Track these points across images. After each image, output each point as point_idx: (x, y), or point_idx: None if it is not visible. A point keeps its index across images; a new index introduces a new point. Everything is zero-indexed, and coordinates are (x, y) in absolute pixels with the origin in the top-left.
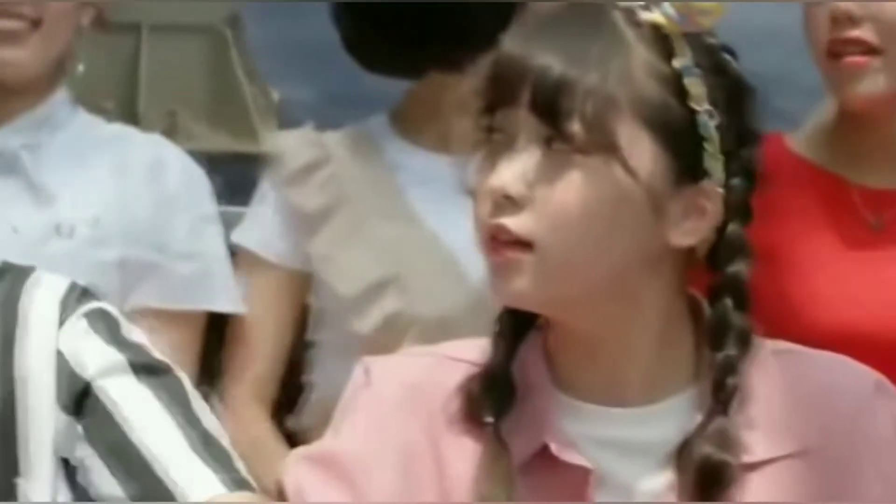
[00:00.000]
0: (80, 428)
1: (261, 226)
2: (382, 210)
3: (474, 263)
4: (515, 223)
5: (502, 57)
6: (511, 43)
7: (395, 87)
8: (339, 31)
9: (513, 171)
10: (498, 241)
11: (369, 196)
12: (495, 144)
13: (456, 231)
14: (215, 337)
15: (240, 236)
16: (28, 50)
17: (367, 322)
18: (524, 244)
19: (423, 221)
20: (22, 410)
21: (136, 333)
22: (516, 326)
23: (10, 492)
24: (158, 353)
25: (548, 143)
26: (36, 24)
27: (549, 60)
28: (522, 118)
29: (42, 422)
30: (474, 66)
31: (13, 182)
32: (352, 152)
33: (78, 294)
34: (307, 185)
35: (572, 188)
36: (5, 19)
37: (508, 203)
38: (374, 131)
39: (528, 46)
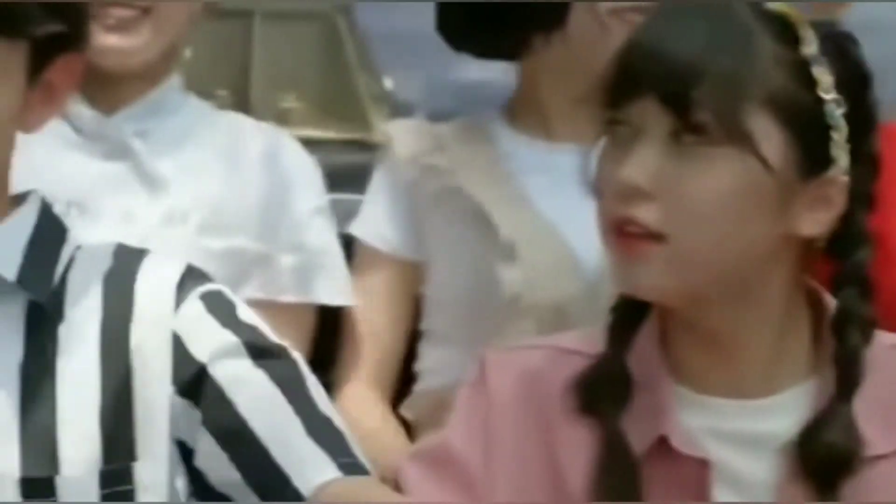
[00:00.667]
0: (196, 411)
1: (374, 217)
2: (496, 199)
3: (589, 252)
4: (646, 215)
5: (630, 49)
6: (639, 35)
7: (505, 77)
8: (436, 13)
9: (642, 163)
10: (626, 233)
11: (483, 185)
12: (620, 136)
13: (569, 220)
14: (329, 328)
15: (355, 228)
16: (140, 38)
17: (482, 311)
18: (655, 236)
19: (538, 210)
20: (138, 394)
21: (251, 316)
22: (632, 316)
23: (126, 475)
24: (274, 336)
25: (675, 134)
26: (147, 11)
27: (678, 52)
28: (650, 110)
29: (158, 405)
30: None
31: (125, 169)
32: (464, 142)
33: (194, 276)
34: (420, 175)
35: (704, 180)
36: (117, 8)
37: (638, 195)
38: (486, 122)
39: (656, 39)
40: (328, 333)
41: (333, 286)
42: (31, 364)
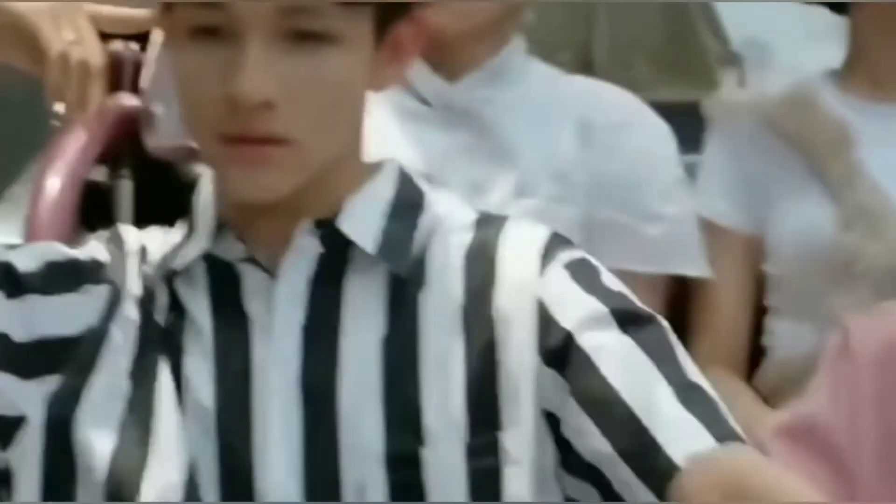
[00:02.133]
0: (562, 380)
1: (711, 190)
2: (839, 171)
3: None
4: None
5: None
6: None
7: None
8: None
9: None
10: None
11: (823, 156)
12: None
13: None
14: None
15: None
16: None
17: (826, 281)
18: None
19: (874, 178)
20: (502, 363)
21: (616, 282)
22: None
23: (493, 447)
24: (639, 303)
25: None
26: None
27: None
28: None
29: (523, 374)
30: None
31: (472, 138)
32: (795, 111)
33: (558, 243)
34: (753, 147)
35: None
36: None
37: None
38: (815, 87)
39: None
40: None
41: (692, 257)
42: (393, 337)
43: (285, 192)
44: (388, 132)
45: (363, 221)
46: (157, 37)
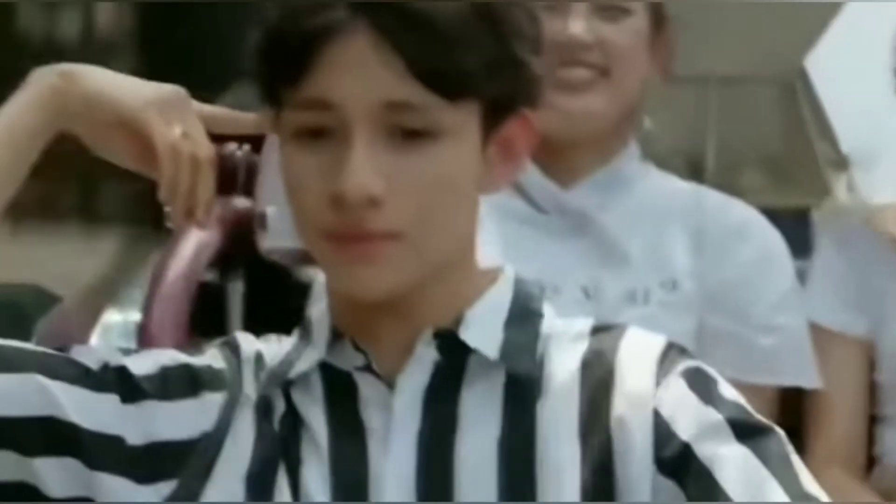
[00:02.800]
0: (679, 490)
1: (822, 296)
2: None
3: None
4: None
5: None
6: None
7: None
8: None
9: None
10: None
11: None
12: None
13: None
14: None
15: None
16: (597, 98)
17: None
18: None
19: None
20: (618, 470)
21: (732, 392)
22: None
23: None
24: (756, 413)
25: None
26: (605, 73)
27: None
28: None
29: (639, 482)
30: None
31: (584, 243)
32: None
33: (675, 352)
34: (863, 254)
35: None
36: (574, 68)
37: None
38: None
39: None
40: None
41: (805, 368)
42: (510, 440)
43: (396, 289)
44: (502, 238)
45: (485, 330)
46: (271, 139)
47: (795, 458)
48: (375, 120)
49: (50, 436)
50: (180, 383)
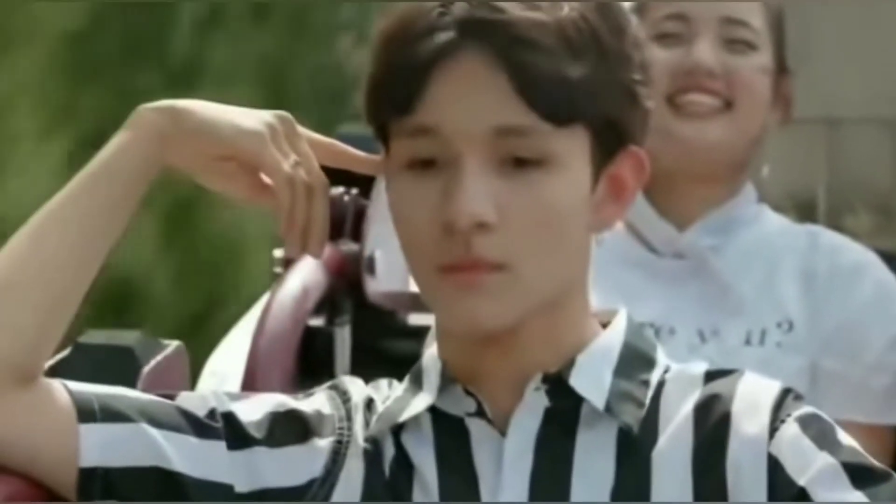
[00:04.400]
0: None
1: None
2: None
3: None
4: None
5: None
6: None
7: None
8: None
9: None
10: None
11: None
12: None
13: None
14: None
15: None
16: (718, 128)
17: None
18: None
19: None
20: None
21: (848, 438)
22: None
23: None
24: (871, 457)
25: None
26: (728, 104)
27: None
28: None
29: None
30: None
31: (699, 285)
32: None
33: (791, 398)
34: None
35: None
36: (697, 94)
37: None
38: None
39: None
40: None
41: None
42: (623, 490)
43: (501, 322)
44: (615, 281)
45: (593, 377)
46: (379, 185)
47: None
48: (486, 147)
49: (155, 486)
50: (288, 429)
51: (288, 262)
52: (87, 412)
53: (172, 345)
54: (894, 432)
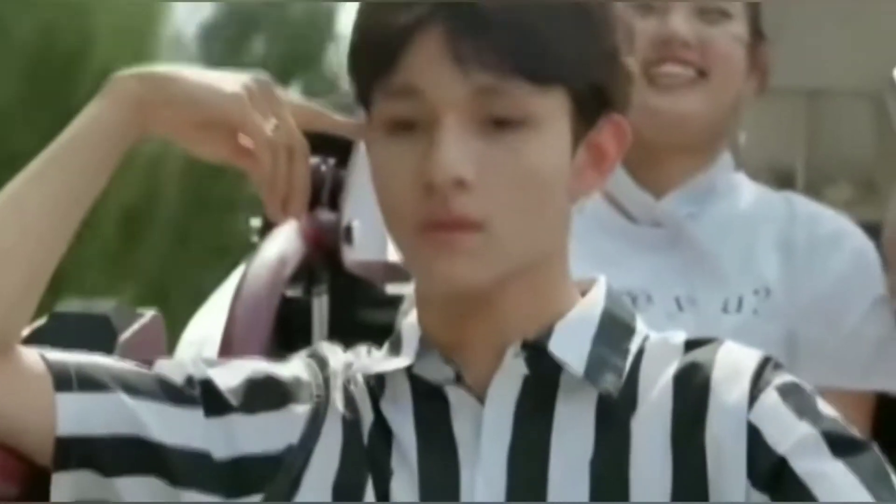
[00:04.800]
0: None
1: None
2: None
3: None
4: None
5: None
6: None
7: None
8: None
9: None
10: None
11: None
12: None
13: None
14: None
15: None
16: (693, 99)
17: None
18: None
19: None
20: (713, 486)
21: (828, 407)
22: None
23: None
24: (851, 426)
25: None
26: (702, 74)
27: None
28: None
29: (734, 497)
30: None
31: (676, 253)
32: None
33: (770, 367)
34: None
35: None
36: (672, 65)
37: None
38: None
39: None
40: None
41: (893, 375)
42: (602, 458)
43: (479, 283)
44: (593, 249)
45: (573, 345)
46: (358, 154)
47: (892, 474)
48: (466, 107)
49: (133, 455)
50: (266, 396)
51: (265, 231)
52: (64, 381)
53: (148, 314)
54: (873, 400)
